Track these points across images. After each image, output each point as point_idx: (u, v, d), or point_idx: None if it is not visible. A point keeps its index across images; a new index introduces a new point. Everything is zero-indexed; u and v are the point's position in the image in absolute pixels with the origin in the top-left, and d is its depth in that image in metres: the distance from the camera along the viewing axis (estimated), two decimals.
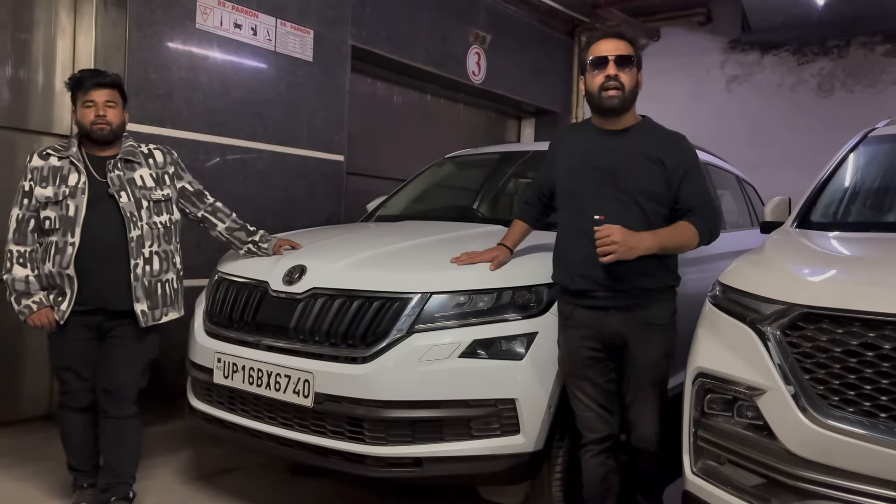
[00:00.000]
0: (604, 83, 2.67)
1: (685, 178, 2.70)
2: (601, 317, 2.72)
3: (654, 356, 2.73)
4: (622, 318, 2.71)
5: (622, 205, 2.66)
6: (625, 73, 2.67)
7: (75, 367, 3.02)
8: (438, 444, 2.79)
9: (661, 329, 2.74)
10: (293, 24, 5.08)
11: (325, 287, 2.99)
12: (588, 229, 2.64)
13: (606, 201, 2.68)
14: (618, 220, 2.60)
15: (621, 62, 2.67)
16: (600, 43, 2.71)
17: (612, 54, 2.66)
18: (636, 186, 2.67)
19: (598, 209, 2.67)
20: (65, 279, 2.91)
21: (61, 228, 2.92)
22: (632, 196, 2.66)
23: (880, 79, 6.91)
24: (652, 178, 2.68)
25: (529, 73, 7.65)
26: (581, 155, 2.80)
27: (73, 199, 2.92)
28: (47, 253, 2.94)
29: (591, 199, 2.71)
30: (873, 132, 3.74)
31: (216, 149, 4.62)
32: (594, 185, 2.72)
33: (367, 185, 6.09)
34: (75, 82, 3.00)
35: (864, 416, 1.99)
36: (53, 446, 3.90)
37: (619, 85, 2.67)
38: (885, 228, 3.06)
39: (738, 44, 7.51)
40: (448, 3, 6.53)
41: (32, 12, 4.22)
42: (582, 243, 2.70)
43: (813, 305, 2.10)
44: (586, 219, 2.69)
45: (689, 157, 2.74)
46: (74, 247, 2.90)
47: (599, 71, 2.68)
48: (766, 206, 3.52)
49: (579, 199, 2.76)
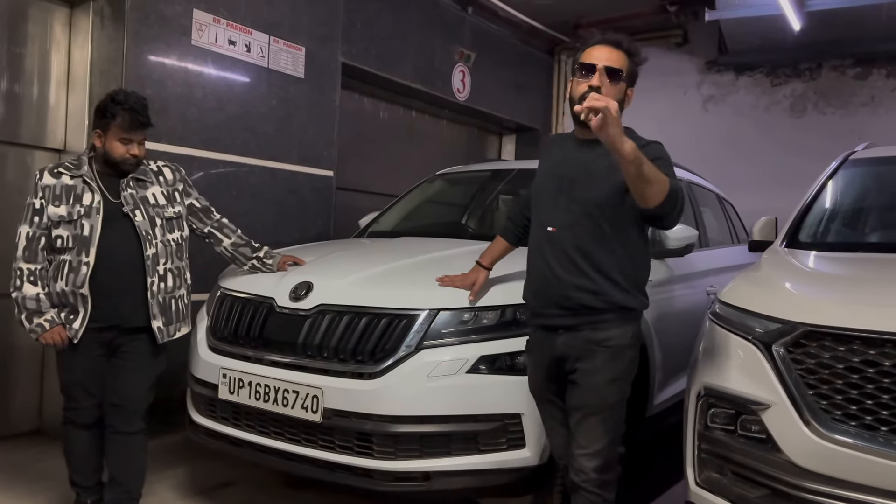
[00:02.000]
0: (585, 93, 2.29)
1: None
2: (551, 338, 2.56)
3: (596, 379, 2.46)
4: (569, 339, 2.51)
5: (574, 216, 2.47)
6: (610, 86, 2.43)
7: (85, 383, 3.01)
8: (446, 458, 2.85)
9: (610, 352, 2.46)
10: (286, 42, 5.13)
11: (333, 303, 3.04)
12: (540, 241, 2.56)
13: (560, 211, 2.51)
14: (565, 233, 2.48)
15: (609, 74, 2.44)
16: (594, 49, 2.49)
17: (602, 64, 2.44)
18: (589, 197, 2.45)
19: (552, 219, 2.53)
20: (78, 298, 2.91)
21: (75, 248, 2.91)
22: (584, 207, 2.46)
23: (851, 101, 7.16)
24: (611, 189, 2.42)
25: (511, 91, 7.78)
26: (551, 164, 2.65)
27: (87, 218, 2.93)
28: (59, 271, 2.93)
29: (548, 210, 2.56)
30: (853, 155, 3.90)
31: (210, 164, 4.64)
32: (551, 194, 2.57)
33: (354, 199, 6.15)
34: (112, 115, 2.93)
35: (865, 430, 2.10)
36: (47, 462, 3.89)
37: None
38: (870, 249, 3.21)
39: (714, 65, 7.73)
40: (435, 22, 6.63)
41: (26, 26, 4.21)
42: (535, 254, 2.59)
43: (816, 324, 2.21)
44: (540, 229, 2.58)
45: (653, 152, 2.40)
46: (89, 266, 2.90)
47: (585, 79, 2.45)
48: (754, 226, 3.64)
49: (539, 208, 2.63)
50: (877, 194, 3.65)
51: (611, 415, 2.49)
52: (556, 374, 2.59)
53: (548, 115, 8.48)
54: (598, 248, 2.45)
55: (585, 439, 2.48)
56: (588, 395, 2.47)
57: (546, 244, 2.53)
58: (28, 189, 4.21)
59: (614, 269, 2.45)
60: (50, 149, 4.35)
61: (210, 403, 3.30)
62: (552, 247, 2.51)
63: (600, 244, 2.45)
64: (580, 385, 2.49)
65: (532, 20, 7.44)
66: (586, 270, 2.45)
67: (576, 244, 2.46)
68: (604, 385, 2.46)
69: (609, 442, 2.48)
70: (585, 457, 2.47)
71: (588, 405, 2.48)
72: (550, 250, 2.51)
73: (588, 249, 2.45)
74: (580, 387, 2.49)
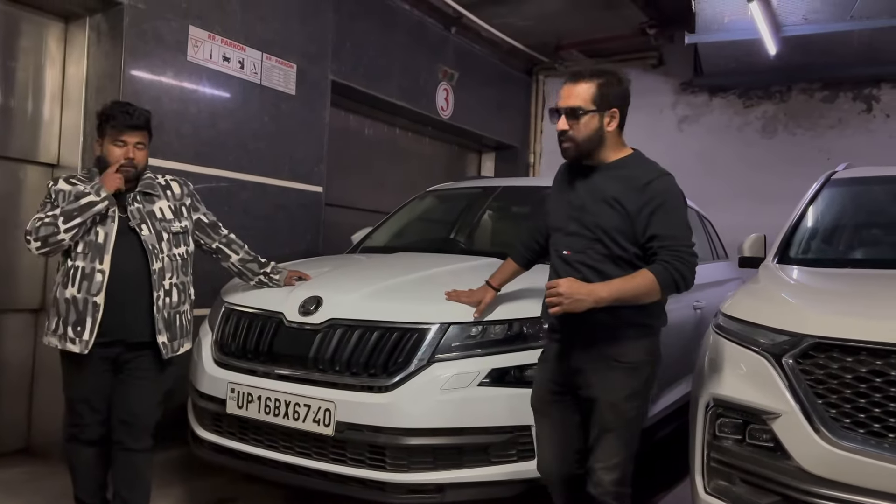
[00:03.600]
0: (559, 135, 2.63)
1: (651, 221, 2.50)
2: (565, 350, 2.65)
3: (614, 396, 2.53)
4: (584, 354, 2.59)
5: (586, 240, 2.59)
6: (575, 124, 2.57)
7: (90, 399, 2.98)
8: (459, 470, 2.90)
9: (627, 369, 2.54)
10: (278, 59, 5.17)
11: (344, 318, 3.08)
12: (556, 264, 2.69)
13: (573, 236, 2.64)
14: (582, 256, 2.59)
15: (570, 114, 2.58)
16: (561, 89, 2.64)
17: (563, 105, 2.60)
18: (597, 222, 2.58)
19: (567, 244, 2.65)
20: (89, 307, 2.87)
21: (89, 254, 2.88)
22: (594, 233, 2.58)
23: (819, 123, 7.42)
24: (615, 216, 2.55)
25: (492, 109, 7.90)
26: (562, 189, 2.77)
27: (102, 225, 2.91)
28: (70, 278, 2.89)
29: (562, 235, 2.68)
30: (835, 175, 4.06)
31: (203, 179, 4.63)
32: (564, 219, 2.69)
33: (341, 215, 6.18)
34: (108, 118, 2.98)
35: (873, 437, 2.21)
36: (39, 481, 3.84)
37: (568, 138, 2.60)
38: (858, 265, 3.36)
39: (688, 86, 7.94)
40: (420, 42, 6.73)
41: (20, 41, 4.19)
42: (552, 276, 2.68)
43: (824, 336, 2.32)
44: (556, 253, 2.71)
45: (658, 199, 2.51)
46: (104, 274, 2.87)
47: (555, 122, 2.64)
48: (744, 243, 3.77)
49: (554, 234, 2.76)
50: (860, 212, 3.82)
51: (628, 429, 2.57)
52: (567, 387, 2.66)
53: (526, 133, 8.61)
54: (612, 268, 2.54)
55: (604, 454, 2.54)
56: (607, 411, 2.54)
57: (563, 267, 2.63)
58: (19, 203, 4.23)
59: None
60: (43, 163, 4.32)
61: (216, 418, 3.30)
62: (569, 270, 2.60)
63: (614, 264, 2.55)
64: (598, 401, 2.56)
65: (513, 41, 7.58)
66: None
67: (591, 266, 2.56)
68: (622, 401, 2.54)
69: (627, 456, 2.56)
70: (604, 470, 2.53)
71: (607, 421, 2.54)
72: (566, 272, 2.60)
73: (603, 269, 2.55)
74: (598, 403, 2.56)
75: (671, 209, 2.53)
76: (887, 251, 3.57)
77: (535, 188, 5.19)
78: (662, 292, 2.47)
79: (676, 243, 2.48)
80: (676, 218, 2.54)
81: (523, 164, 8.56)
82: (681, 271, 2.46)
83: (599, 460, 2.56)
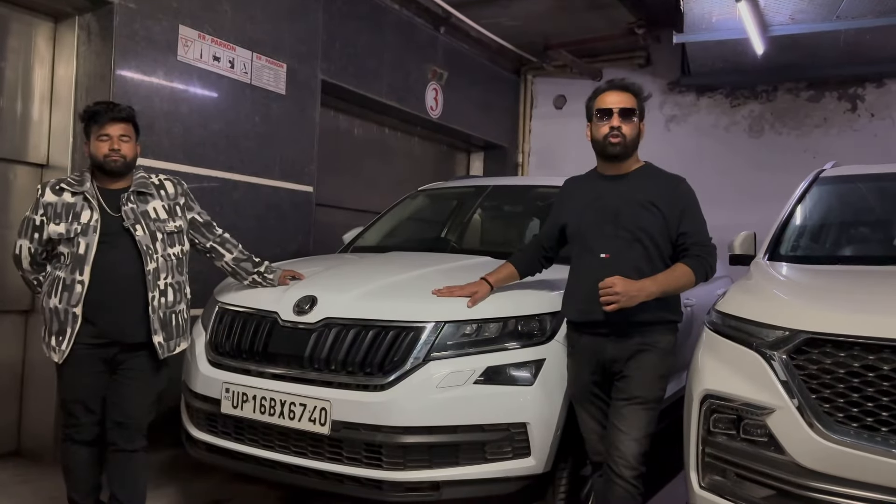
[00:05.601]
0: (608, 133, 2.88)
1: (682, 219, 2.86)
2: (601, 343, 2.86)
3: (648, 374, 2.81)
4: (620, 344, 2.83)
5: (625, 242, 2.84)
6: (627, 124, 2.87)
7: (85, 400, 2.99)
8: (455, 467, 2.91)
9: (657, 352, 2.82)
10: (268, 58, 5.16)
11: (340, 317, 3.08)
12: (593, 266, 2.85)
13: (609, 239, 2.86)
14: (622, 257, 2.81)
15: (624, 114, 2.87)
16: (606, 95, 2.91)
17: (617, 107, 2.87)
18: (637, 224, 2.84)
19: (603, 247, 2.86)
20: (69, 317, 2.89)
21: (69, 265, 2.91)
22: (633, 234, 2.83)
23: (804, 122, 7.49)
24: (650, 219, 2.85)
25: (480, 109, 7.92)
26: (586, 198, 2.99)
27: (84, 236, 2.91)
28: (53, 288, 2.92)
29: (596, 238, 2.89)
30: (823, 174, 4.11)
31: (195, 180, 4.62)
32: (597, 224, 2.90)
33: (330, 215, 6.18)
34: (90, 115, 3.00)
35: (866, 431, 2.24)
36: (31, 483, 3.83)
37: (621, 135, 2.87)
38: (848, 261, 3.40)
39: (676, 86, 7.99)
40: (409, 41, 6.73)
41: (8, 40, 4.16)
42: (586, 280, 2.86)
43: (817, 331, 2.35)
44: (592, 256, 2.88)
45: (685, 201, 2.90)
46: (83, 285, 2.89)
47: (604, 122, 2.88)
48: (735, 241, 3.80)
49: (585, 238, 2.94)
50: (848, 210, 3.86)
51: (654, 408, 2.83)
52: (603, 376, 2.90)
53: (514, 133, 8.63)
54: (650, 268, 2.82)
55: (629, 426, 2.78)
56: (640, 386, 2.80)
57: (600, 269, 2.79)
58: (8, 203, 4.20)
59: None
60: (32, 163, 4.29)
61: (210, 418, 3.29)
62: (607, 271, 2.76)
63: (651, 263, 2.83)
64: (632, 377, 2.81)
65: (502, 41, 7.59)
66: None
67: (633, 265, 2.80)
68: (654, 379, 2.83)
69: (649, 433, 2.81)
70: (629, 441, 2.76)
71: (638, 395, 2.80)
72: (606, 274, 2.74)
73: (643, 268, 2.81)
74: (632, 379, 2.81)
75: (696, 209, 2.92)
76: (876, 248, 3.61)
77: (526, 187, 5.23)
78: (696, 281, 2.82)
79: (703, 239, 2.88)
80: (700, 217, 2.93)
81: (512, 164, 8.58)
82: (710, 263, 2.85)
83: (625, 432, 2.77)
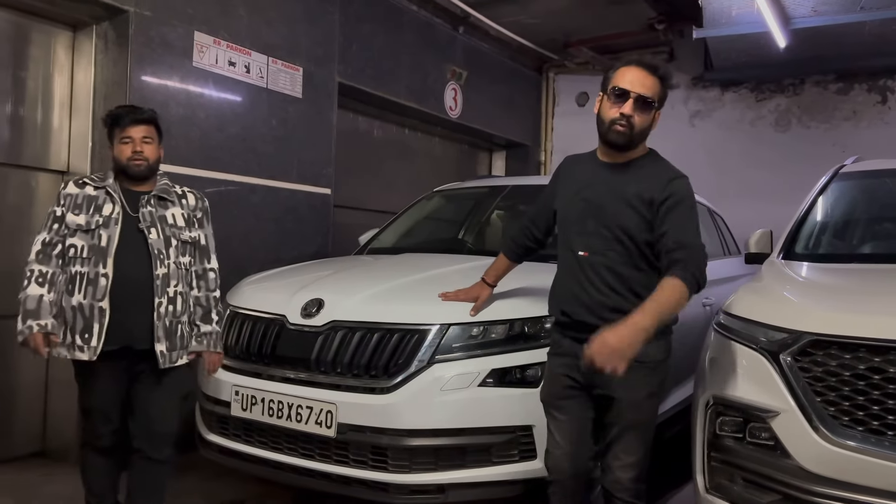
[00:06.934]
0: (616, 119, 2.51)
1: (668, 214, 2.49)
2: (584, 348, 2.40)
3: (637, 395, 2.53)
4: None
5: (604, 241, 2.56)
6: (641, 114, 2.51)
7: (105, 408, 2.96)
8: (461, 470, 2.91)
9: (648, 367, 2.51)
10: (284, 62, 5.20)
11: (345, 320, 3.10)
12: (570, 263, 2.63)
13: (590, 236, 2.59)
14: (598, 258, 2.55)
15: (641, 103, 2.50)
16: (628, 70, 2.51)
17: (636, 92, 2.48)
18: (618, 223, 2.54)
19: (583, 243, 2.60)
20: (95, 312, 2.84)
21: (92, 258, 2.86)
22: (614, 233, 2.54)
23: (833, 115, 7.33)
24: (636, 216, 2.53)
25: (501, 108, 7.89)
26: (578, 184, 2.69)
27: (105, 228, 2.88)
28: (75, 284, 2.86)
29: (577, 233, 2.63)
30: (843, 169, 4.01)
31: (212, 184, 4.67)
32: (580, 217, 2.63)
33: (350, 216, 6.21)
34: (113, 119, 2.98)
35: (872, 434, 2.19)
36: (55, 484, 3.91)
37: (630, 125, 2.51)
38: (865, 260, 3.32)
39: (700, 81, 7.88)
40: (428, 42, 6.73)
41: (30, 50, 4.25)
42: (567, 276, 2.65)
43: (822, 333, 2.30)
44: (570, 253, 2.64)
45: (676, 195, 2.53)
46: (108, 278, 2.84)
47: (616, 105, 2.51)
48: (750, 239, 3.74)
49: (567, 230, 2.69)
50: (868, 206, 3.77)
51: (647, 427, 2.60)
52: (583, 384, 2.58)
53: (537, 131, 8.59)
54: (631, 270, 2.54)
55: (624, 452, 2.56)
56: (628, 411, 2.54)
57: (578, 268, 2.59)
58: (31, 209, 4.29)
59: (646, 288, 2.47)
60: (53, 170, 4.38)
61: (222, 420, 3.33)
62: (586, 271, 2.57)
63: (632, 266, 2.55)
64: (621, 400, 2.54)
65: (522, 39, 7.56)
66: (621, 291, 2.53)
67: (610, 267, 2.54)
68: (645, 399, 2.56)
69: (645, 452, 2.59)
70: (624, 468, 2.55)
71: (628, 420, 2.55)
72: (584, 274, 2.57)
73: (622, 272, 2.54)
74: (620, 402, 2.54)
75: (687, 208, 2.54)
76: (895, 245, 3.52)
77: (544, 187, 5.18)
78: (689, 294, 2.42)
79: (688, 240, 2.49)
80: (690, 218, 2.55)
81: (534, 163, 8.54)
82: (700, 269, 2.47)
83: (619, 458, 2.57)
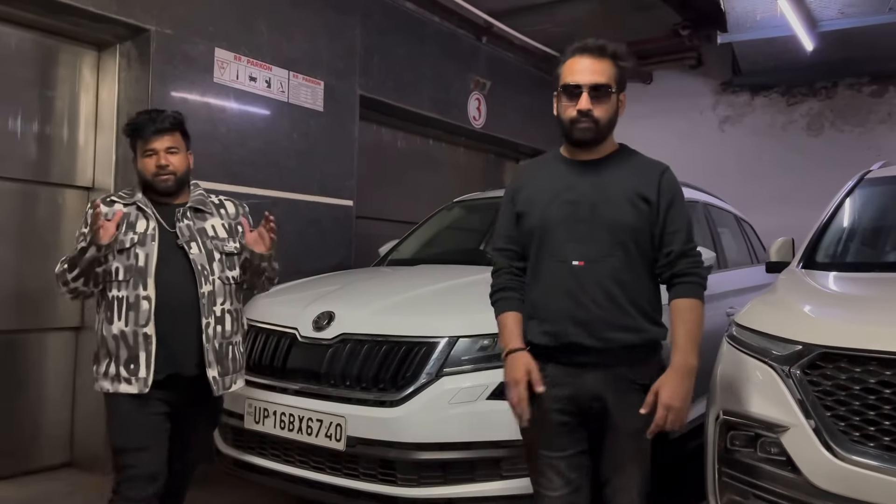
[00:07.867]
0: (575, 118, 2.24)
1: (668, 213, 2.29)
2: (577, 374, 2.27)
3: (636, 423, 2.23)
4: (601, 377, 2.25)
5: (603, 246, 2.25)
6: (600, 105, 2.24)
7: (147, 446, 2.59)
8: (470, 484, 2.89)
9: (644, 390, 2.23)
10: (305, 77, 5.25)
11: (354, 332, 3.10)
12: (560, 276, 2.27)
13: (583, 242, 2.26)
14: (598, 266, 2.24)
15: (596, 93, 2.23)
16: (574, 62, 2.26)
17: (587, 83, 2.22)
18: (618, 223, 2.26)
19: (575, 253, 2.26)
20: (140, 339, 2.56)
21: (131, 280, 2.59)
22: (615, 236, 2.25)
23: (868, 118, 7.17)
24: (636, 216, 2.27)
25: (525, 116, 7.87)
26: (553, 188, 2.34)
27: (142, 246, 2.62)
28: (114, 311, 2.59)
29: (565, 242, 2.28)
30: (869, 174, 3.91)
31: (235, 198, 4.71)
32: (567, 224, 2.29)
33: (373, 228, 6.23)
34: (133, 129, 2.71)
35: (884, 450, 2.12)
36: (82, 494, 3.97)
37: (592, 120, 2.24)
38: (888, 269, 3.22)
39: (729, 86, 7.78)
40: (450, 52, 6.75)
41: (57, 70, 4.36)
42: (554, 291, 2.29)
43: (831, 346, 2.24)
44: (559, 264, 2.28)
45: (672, 189, 2.32)
46: (150, 301, 2.57)
47: (571, 102, 2.24)
48: (771, 247, 3.66)
49: (550, 239, 2.31)
50: (893, 213, 3.66)
51: (645, 451, 2.36)
52: (576, 416, 2.30)
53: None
54: (633, 278, 2.27)
55: (625, 482, 2.32)
56: (629, 440, 2.29)
57: (572, 280, 2.25)
58: (58, 225, 4.39)
59: (644, 298, 2.29)
60: (79, 187, 4.48)
61: (236, 433, 3.36)
62: (581, 282, 2.25)
63: (634, 273, 2.28)
64: (616, 429, 2.28)
65: (546, 48, 7.54)
66: (623, 305, 2.24)
67: (613, 276, 2.24)
68: (644, 427, 2.22)
69: (645, 475, 2.36)
70: (625, 492, 2.32)
71: (629, 451, 2.30)
72: (579, 287, 2.25)
73: (625, 280, 2.25)
74: (617, 430, 2.28)
75: (681, 206, 2.33)
76: None
77: None
78: None
79: (691, 247, 2.30)
80: (687, 215, 2.35)
81: None
82: (704, 277, 2.30)
83: (621, 489, 2.31)
